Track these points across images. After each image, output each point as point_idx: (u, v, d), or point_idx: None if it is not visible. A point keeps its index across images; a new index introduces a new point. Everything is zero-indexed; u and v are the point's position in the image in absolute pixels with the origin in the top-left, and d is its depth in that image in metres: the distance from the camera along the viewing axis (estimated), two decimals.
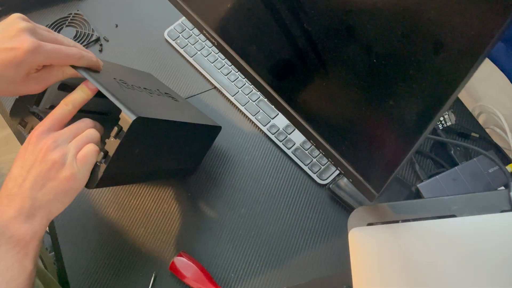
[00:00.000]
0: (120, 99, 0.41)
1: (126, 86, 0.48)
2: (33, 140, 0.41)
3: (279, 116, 0.66)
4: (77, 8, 0.77)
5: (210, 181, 0.62)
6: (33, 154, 0.40)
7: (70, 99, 0.42)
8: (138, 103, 0.45)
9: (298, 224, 0.58)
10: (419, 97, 0.31)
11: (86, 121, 0.44)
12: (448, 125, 0.63)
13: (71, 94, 0.43)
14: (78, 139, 0.42)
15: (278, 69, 0.45)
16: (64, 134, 0.41)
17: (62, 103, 0.42)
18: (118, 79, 0.48)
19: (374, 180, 0.40)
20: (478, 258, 0.41)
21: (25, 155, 0.41)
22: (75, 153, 0.41)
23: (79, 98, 0.43)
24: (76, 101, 0.42)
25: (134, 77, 0.55)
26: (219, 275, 0.55)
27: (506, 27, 0.24)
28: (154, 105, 0.49)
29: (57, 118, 0.41)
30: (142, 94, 0.49)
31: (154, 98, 0.52)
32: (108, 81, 0.45)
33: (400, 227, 0.45)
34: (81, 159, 0.41)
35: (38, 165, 0.40)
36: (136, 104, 0.43)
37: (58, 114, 0.41)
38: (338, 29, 0.34)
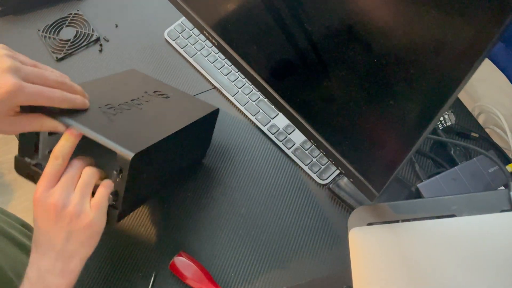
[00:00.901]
0: (111, 138, 0.41)
1: (113, 112, 0.46)
2: (37, 203, 0.41)
3: (279, 116, 0.66)
4: (77, 8, 0.77)
5: (210, 181, 0.62)
6: (45, 217, 0.41)
7: (58, 152, 0.41)
8: (130, 133, 0.44)
9: (298, 224, 0.58)
10: (419, 97, 0.31)
11: (77, 163, 0.43)
12: (448, 125, 0.63)
13: (58, 145, 0.41)
14: (82, 186, 0.42)
15: (278, 69, 0.45)
16: (64, 187, 0.42)
17: (51, 157, 0.41)
18: (103, 105, 0.46)
19: (375, 180, 0.41)
20: (478, 258, 0.41)
21: (38, 216, 0.42)
22: (85, 199, 0.42)
23: (67, 147, 0.41)
24: (64, 152, 0.41)
25: (119, 88, 0.52)
26: (219, 275, 0.55)
27: (506, 27, 0.24)
28: (147, 124, 0.48)
29: (51, 174, 0.41)
30: (132, 113, 0.48)
31: (145, 111, 0.50)
32: (93, 117, 0.44)
33: (400, 227, 0.45)
34: (95, 205, 0.43)
35: (55, 224, 0.41)
36: (128, 137, 0.43)
37: (51, 170, 0.41)
38: (338, 29, 0.34)
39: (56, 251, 0.42)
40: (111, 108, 0.46)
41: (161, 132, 0.46)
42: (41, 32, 0.73)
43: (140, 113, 0.48)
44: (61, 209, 0.41)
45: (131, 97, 0.50)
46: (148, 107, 0.50)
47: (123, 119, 0.46)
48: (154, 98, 0.53)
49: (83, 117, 0.43)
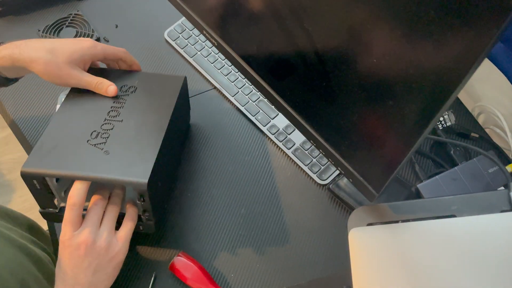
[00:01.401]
0: (119, 174, 0.45)
1: (102, 140, 0.48)
2: (68, 243, 0.44)
3: (279, 116, 0.66)
4: (77, 8, 0.77)
5: (210, 181, 0.62)
6: (75, 252, 0.44)
7: (74, 199, 0.44)
8: (131, 161, 0.47)
9: (298, 224, 0.58)
10: (418, 97, 0.31)
11: (99, 202, 0.47)
12: (448, 125, 0.63)
13: (72, 193, 0.44)
14: (108, 222, 0.47)
15: (278, 69, 0.45)
16: (92, 225, 0.45)
17: (68, 205, 0.44)
18: (89, 135, 0.49)
19: (374, 180, 0.41)
20: (478, 258, 0.41)
21: (68, 255, 0.45)
22: (112, 233, 0.47)
23: (81, 193, 0.45)
24: (79, 198, 0.44)
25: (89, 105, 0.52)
26: (219, 275, 0.55)
27: (506, 27, 0.24)
28: (138, 137, 0.49)
29: (73, 220, 0.45)
30: (117, 132, 0.49)
31: (126, 122, 0.50)
32: (90, 157, 0.46)
33: (400, 227, 0.45)
34: (122, 238, 0.47)
35: (84, 260, 0.45)
36: (133, 165, 0.46)
37: (72, 216, 0.44)
38: (338, 29, 0.34)
39: (82, 285, 0.45)
40: (98, 135, 0.49)
41: (156, 138, 0.49)
42: (41, 33, 0.73)
43: (123, 126, 0.50)
44: (92, 244, 0.45)
45: (106, 110, 0.51)
46: (126, 114, 0.51)
47: (115, 145, 0.48)
48: (125, 99, 0.53)
49: (83, 164, 0.46)
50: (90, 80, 0.52)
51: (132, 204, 0.50)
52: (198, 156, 0.64)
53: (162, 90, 0.55)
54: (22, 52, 0.49)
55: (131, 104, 0.53)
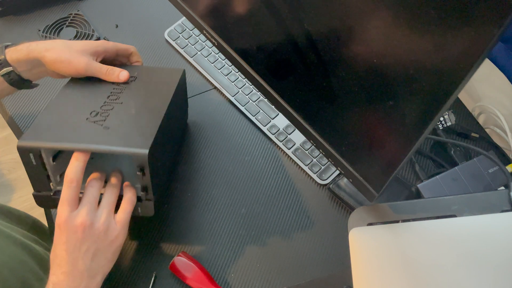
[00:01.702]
0: (119, 145, 0.44)
1: (102, 118, 0.48)
2: (64, 226, 0.43)
3: (279, 116, 0.66)
4: (77, 8, 0.77)
5: (210, 181, 0.62)
6: (72, 236, 0.42)
7: (71, 175, 0.43)
8: (130, 133, 0.46)
9: (298, 224, 0.58)
10: (419, 97, 0.31)
11: (95, 183, 0.45)
12: (448, 125, 0.63)
13: (69, 169, 0.43)
14: (107, 204, 0.45)
15: (278, 69, 0.45)
16: (89, 207, 0.44)
17: (66, 182, 0.43)
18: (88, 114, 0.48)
19: (374, 180, 0.41)
20: (478, 258, 0.41)
21: (64, 239, 0.43)
22: (111, 216, 0.45)
23: (79, 168, 0.43)
24: (77, 174, 0.43)
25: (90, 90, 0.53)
26: (219, 275, 0.55)
27: (506, 27, 0.24)
28: (137, 116, 0.49)
29: (70, 198, 0.43)
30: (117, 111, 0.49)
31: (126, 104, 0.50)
32: (90, 132, 0.45)
33: (400, 227, 0.45)
34: (120, 221, 0.46)
35: (82, 243, 0.43)
36: (132, 137, 0.46)
37: (69, 194, 0.43)
38: (338, 29, 0.34)
39: (81, 271, 0.43)
40: (97, 114, 0.48)
41: (155, 118, 0.48)
42: (41, 33, 0.73)
43: (123, 107, 0.50)
44: (90, 227, 0.43)
45: (106, 94, 0.51)
46: (126, 97, 0.51)
47: (115, 121, 0.47)
48: (125, 86, 0.54)
49: (82, 137, 0.45)
50: (101, 66, 0.52)
51: (130, 186, 0.48)
52: (198, 156, 0.64)
53: (161, 80, 0.56)
54: (39, 43, 0.51)
55: (131, 90, 0.53)
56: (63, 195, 0.43)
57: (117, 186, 0.47)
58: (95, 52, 0.53)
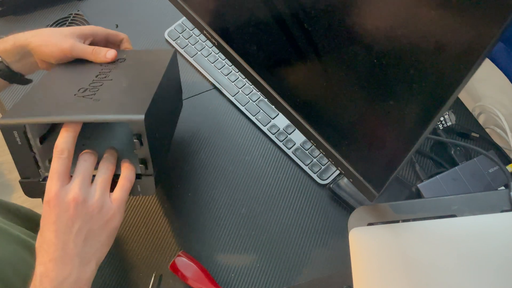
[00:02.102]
0: (112, 113, 0.40)
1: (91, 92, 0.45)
2: (54, 202, 0.38)
3: (279, 116, 0.66)
4: (78, 8, 0.77)
5: (210, 181, 0.62)
6: (63, 214, 0.38)
7: (62, 145, 0.39)
8: (123, 102, 0.43)
9: (299, 224, 0.58)
10: (419, 97, 0.31)
11: (87, 157, 0.41)
12: (448, 125, 0.63)
13: (59, 139, 0.39)
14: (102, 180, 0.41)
15: (278, 69, 0.45)
16: (82, 181, 0.39)
17: (56, 153, 0.39)
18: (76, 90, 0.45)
19: (375, 180, 0.41)
20: (479, 258, 0.41)
21: (54, 218, 0.38)
22: (106, 194, 0.41)
23: (70, 139, 0.39)
24: (68, 144, 0.39)
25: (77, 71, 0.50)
26: (219, 275, 0.55)
27: (506, 27, 0.24)
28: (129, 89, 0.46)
29: (61, 171, 0.39)
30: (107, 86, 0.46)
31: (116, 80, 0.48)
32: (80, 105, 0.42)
33: (401, 227, 0.45)
34: (117, 199, 0.41)
35: (74, 222, 0.38)
36: (125, 105, 0.42)
37: (60, 166, 0.39)
38: (338, 29, 0.34)
39: (71, 256, 0.38)
40: (85, 90, 0.45)
41: (148, 90, 0.45)
42: None
43: (113, 83, 0.47)
44: (82, 203, 0.38)
45: (94, 74, 0.48)
46: (116, 75, 0.49)
47: (105, 94, 0.44)
48: (114, 66, 0.51)
49: (71, 109, 0.41)
50: (87, 46, 0.50)
51: (128, 163, 0.44)
52: (198, 156, 0.64)
53: (152, 59, 0.53)
54: (25, 32, 0.50)
55: (120, 69, 0.50)
56: (53, 167, 0.38)
57: (113, 162, 0.43)
58: (82, 34, 0.51)
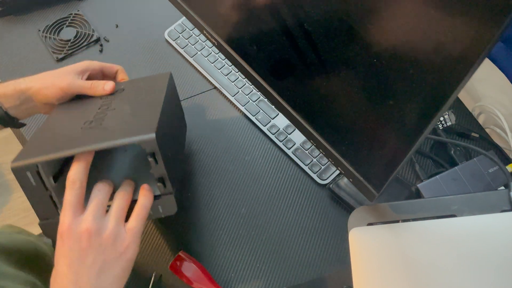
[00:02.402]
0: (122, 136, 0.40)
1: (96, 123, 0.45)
2: (67, 233, 0.38)
3: (279, 116, 0.66)
4: (77, 8, 0.77)
5: (210, 181, 0.62)
6: (76, 246, 0.37)
7: (74, 176, 0.39)
8: (131, 125, 0.43)
9: (298, 224, 0.58)
10: (419, 97, 0.31)
11: (102, 187, 0.41)
12: (448, 125, 0.63)
13: (72, 170, 0.39)
14: (117, 210, 0.40)
15: (279, 69, 0.45)
16: (96, 212, 0.39)
17: (68, 184, 0.39)
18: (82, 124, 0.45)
19: (374, 180, 0.41)
20: (478, 258, 0.41)
21: (67, 250, 0.37)
22: (121, 224, 0.40)
23: (82, 169, 0.39)
24: (80, 175, 0.39)
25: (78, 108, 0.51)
26: (219, 275, 0.55)
27: (505, 28, 0.24)
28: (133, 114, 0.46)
29: (74, 202, 0.38)
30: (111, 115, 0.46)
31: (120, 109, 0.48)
32: (88, 136, 0.43)
33: (400, 227, 0.45)
34: (132, 229, 0.40)
35: (87, 254, 0.38)
36: (134, 127, 0.43)
37: (73, 197, 0.38)
38: (338, 29, 0.34)
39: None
40: (91, 122, 0.45)
41: (153, 110, 0.45)
42: (41, 33, 0.73)
43: (117, 111, 0.47)
44: (96, 235, 0.38)
45: (96, 107, 0.49)
46: (118, 104, 0.49)
47: (111, 121, 0.44)
48: (114, 97, 0.51)
49: (82, 141, 0.41)
50: (85, 82, 0.51)
51: (144, 189, 0.43)
52: (198, 156, 0.64)
53: (150, 85, 0.54)
54: (24, 78, 0.51)
55: (121, 99, 0.51)
56: (66, 199, 0.38)
57: (128, 191, 0.42)
58: (78, 71, 0.52)
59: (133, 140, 0.40)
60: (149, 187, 0.43)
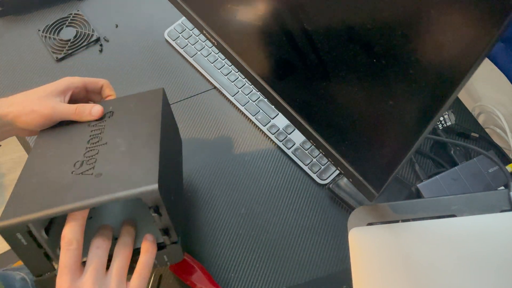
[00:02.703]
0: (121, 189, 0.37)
1: (88, 167, 0.40)
2: None
3: (279, 116, 0.66)
4: (77, 8, 0.77)
5: (210, 181, 0.62)
6: None
7: (68, 236, 0.35)
8: (129, 173, 0.39)
9: (298, 224, 0.58)
10: (418, 97, 0.31)
11: (100, 243, 0.38)
12: (448, 125, 0.63)
13: (66, 229, 0.36)
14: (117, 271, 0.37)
15: (278, 69, 0.45)
16: (95, 274, 0.36)
17: (63, 245, 0.36)
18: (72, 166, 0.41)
19: (374, 180, 0.41)
20: (478, 258, 0.41)
21: None
22: (122, 283, 0.37)
23: (77, 228, 0.36)
24: (76, 234, 0.36)
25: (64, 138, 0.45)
26: (219, 275, 0.55)
27: (505, 27, 0.24)
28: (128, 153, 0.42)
29: (70, 264, 0.35)
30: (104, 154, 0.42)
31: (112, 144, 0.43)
32: (81, 186, 0.38)
33: (400, 227, 0.45)
34: None
35: None
36: (132, 176, 0.39)
37: (69, 259, 0.35)
38: (338, 29, 0.34)
39: None
40: (82, 164, 0.41)
41: (151, 148, 0.41)
42: (41, 32, 0.73)
43: (109, 148, 0.43)
44: None
45: (85, 139, 0.44)
46: (109, 136, 0.44)
47: (105, 165, 0.40)
48: (103, 124, 0.46)
49: (73, 194, 0.37)
50: (69, 106, 0.45)
51: (146, 243, 0.40)
52: (198, 156, 0.64)
53: (142, 105, 0.48)
54: (2, 98, 0.45)
55: (112, 126, 0.45)
56: (62, 261, 0.35)
57: (129, 245, 0.39)
58: (59, 92, 0.46)
59: (132, 193, 0.36)
60: (152, 238, 0.40)
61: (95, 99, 0.52)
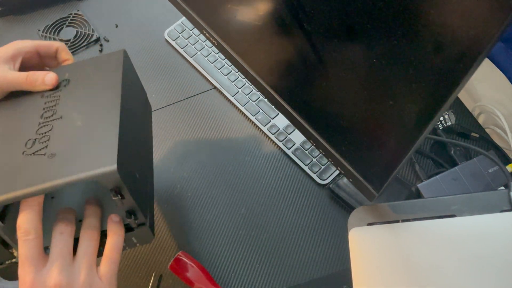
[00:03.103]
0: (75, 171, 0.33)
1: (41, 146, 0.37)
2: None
3: (279, 116, 0.66)
4: (77, 8, 0.77)
5: (210, 181, 0.62)
6: None
7: (24, 226, 0.32)
8: (86, 151, 0.36)
9: (298, 224, 0.58)
10: (419, 97, 0.31)
11: (62, 228, 0.34)
12: (448, 125, 0.63)
13: (21, 219, 0.33)
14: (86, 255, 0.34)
15: (278, 69, 0.45)
16: (62, 261, 0.33)
17: (20, 237, 0.32)
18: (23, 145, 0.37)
19: (374, 180, 0.41)
20: (478, 258, 0.41)
21: None
22: (93, 270, 0.34)
23: (34, 216, 0.33)
24: (32, 223, 0.32)
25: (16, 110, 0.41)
26: (219, 275, 0.55)
27: (506, 27, 0.24)
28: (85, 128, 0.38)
29: (31, 255, 0.32)
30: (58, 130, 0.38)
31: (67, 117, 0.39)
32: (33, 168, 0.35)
33: (400, 227, 0.45)
34: (106, 275, 0.35)
35: None
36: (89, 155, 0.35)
37: (29, 250, 0.32)
38: (338, 29, 0.34)
39: None
40: (34, 142, 0.37)
41: (110, 122, 0.38)
42: (41, 32, 0.73)
43: (64, 123, 0.39)
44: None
45: (38, 113, 0.40)
46: (64, 109, 0.40)
47: (59, 143, 0.37)
48: (58, 94, 0.42)
49: (25, 178, 0.34)
50: (19, 74, 0.40)
51: (113, 225, 0.37)
52: (198, 156, 0.64)
53: (101, 72, 0.44)
54: None
55: (67, 97, 0.41)
56: (21, 253, 0.32)
57: (96, 227, 0.36)
58: (7, 58, 0.41)
59: (89, 175, 0.33)
60: (118, 218, 0.37)
61: (50, 64, 0.46)
